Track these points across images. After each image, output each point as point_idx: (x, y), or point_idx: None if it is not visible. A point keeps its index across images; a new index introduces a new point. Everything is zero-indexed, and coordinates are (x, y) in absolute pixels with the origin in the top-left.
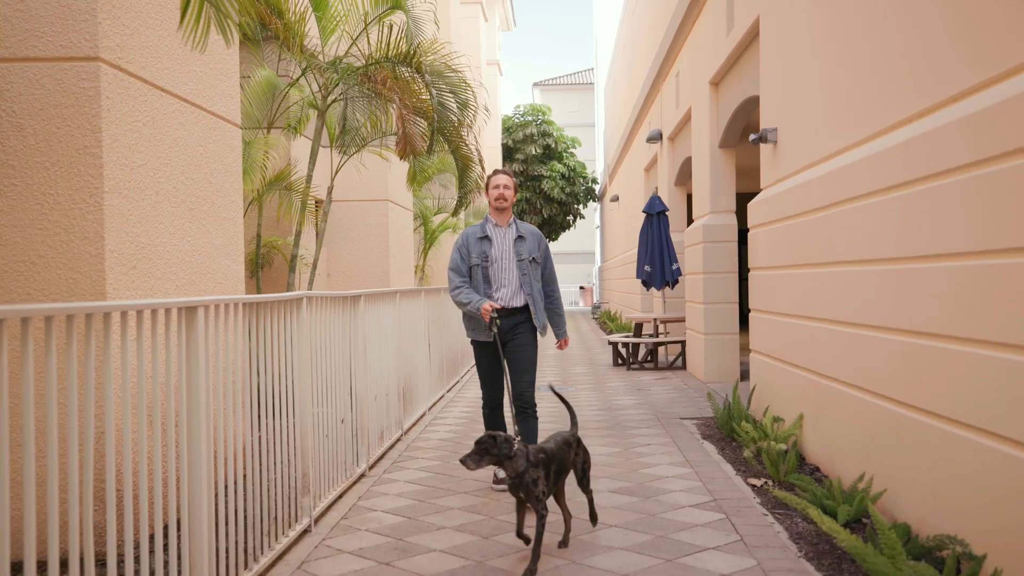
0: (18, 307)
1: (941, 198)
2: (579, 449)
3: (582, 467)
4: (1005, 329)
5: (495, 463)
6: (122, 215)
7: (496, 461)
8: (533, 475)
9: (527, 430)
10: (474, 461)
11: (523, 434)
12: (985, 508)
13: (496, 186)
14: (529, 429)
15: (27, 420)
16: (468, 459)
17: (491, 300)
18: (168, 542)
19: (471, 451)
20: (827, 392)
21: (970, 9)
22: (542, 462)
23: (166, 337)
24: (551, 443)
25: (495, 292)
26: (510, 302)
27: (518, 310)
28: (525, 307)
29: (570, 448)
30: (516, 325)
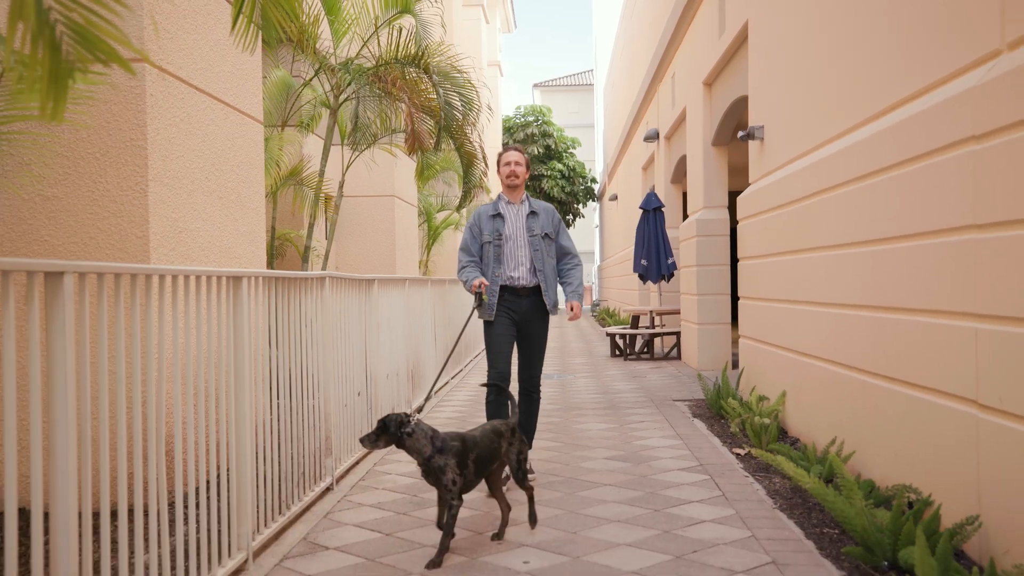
0: (106, 264)
1: (899, 186)
2: (514, 439)
3: (517, 459)
4: (952, 299)
5: (394, 443)
6: (163, 202)
7: (394, 441)
8: (440, 462)
9: (528, 411)
10: (370, 441)
11: (523, 413)
12: (933, 458)
13: (508, 163)
14: (530, 411)
15: (101, 377)
16: (365, 439)
17: (497, 286)
18: (220, 491)
19: (372, 430)
20: (806, 369)
21: (910, 33)
22: (454, 450)
23: (217, 303)
24: (476, 431)
25: (510, 272)
26: (524, 281)
27: (532, 291)
28: (538, 288)
29: (500, 438)
30: (531, 308)
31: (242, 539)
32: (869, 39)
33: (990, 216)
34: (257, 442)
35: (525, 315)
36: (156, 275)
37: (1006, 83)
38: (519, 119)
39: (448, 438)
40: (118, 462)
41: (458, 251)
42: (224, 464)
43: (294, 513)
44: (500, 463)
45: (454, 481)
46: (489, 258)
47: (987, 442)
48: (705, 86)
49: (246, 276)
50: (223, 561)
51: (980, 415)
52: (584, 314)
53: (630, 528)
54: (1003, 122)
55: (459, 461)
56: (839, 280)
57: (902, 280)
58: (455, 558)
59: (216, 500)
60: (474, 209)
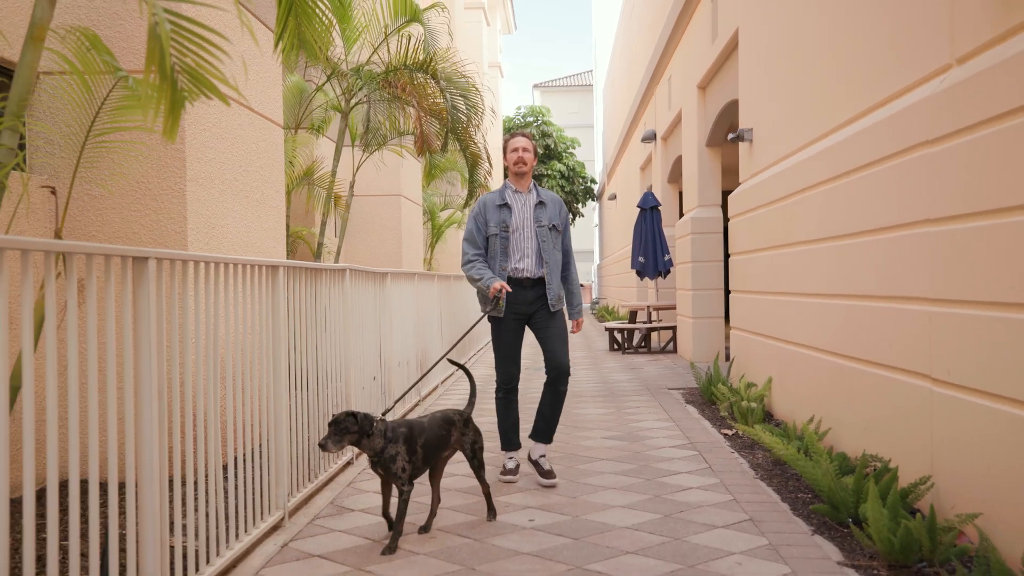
0: (180, 252)
1: (866, 185)
2: (467, 429)
3: (471, 448)
4: (909, 286)
5: (355, 443)
6: (199, 200)
7: (356, 441)
8: (392, 451)
9: (553, 404)
10: (335, 443)
11: (548, 407)
12: (894, 428)
13: (515, 149)
14: (555, 404)
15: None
16: (328, 442)
17: (504, 280)
18: (261, 460)
19: (328, 433)
20: (789, 355)
21: (877, 48)
22: (403, 436)
23: (258, 290)
24: (425, 418)
25: (515, 263)
26: (529, 273)
27: (536, 282)
28: (543, 279)
29: (451, 426)
30: (537, 298)
31: (279, 500)
32: (842, 52)
33: (942, 211)
34: (291, 418)
35: (533, 306)
36: (220, 263)
37: (956, 93)
38: (519, 119)
39: (396, 426)
40: (186, 434)
41: (462, 241)
42: (264, 436)
43: (321, 482)
44: (450, 451)
45: (404, 468)
46: (496, 251)
47: (939, 412)
48: (699, 89)
49: (282, 266)
50: (264, 518)
51: (933, 388)
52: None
53: (624, 494)
54: (953, 128)
55: (408, 448)
56: (816, 272)
57: (868, 270)
58: (467, 517)
59: (257, 467)
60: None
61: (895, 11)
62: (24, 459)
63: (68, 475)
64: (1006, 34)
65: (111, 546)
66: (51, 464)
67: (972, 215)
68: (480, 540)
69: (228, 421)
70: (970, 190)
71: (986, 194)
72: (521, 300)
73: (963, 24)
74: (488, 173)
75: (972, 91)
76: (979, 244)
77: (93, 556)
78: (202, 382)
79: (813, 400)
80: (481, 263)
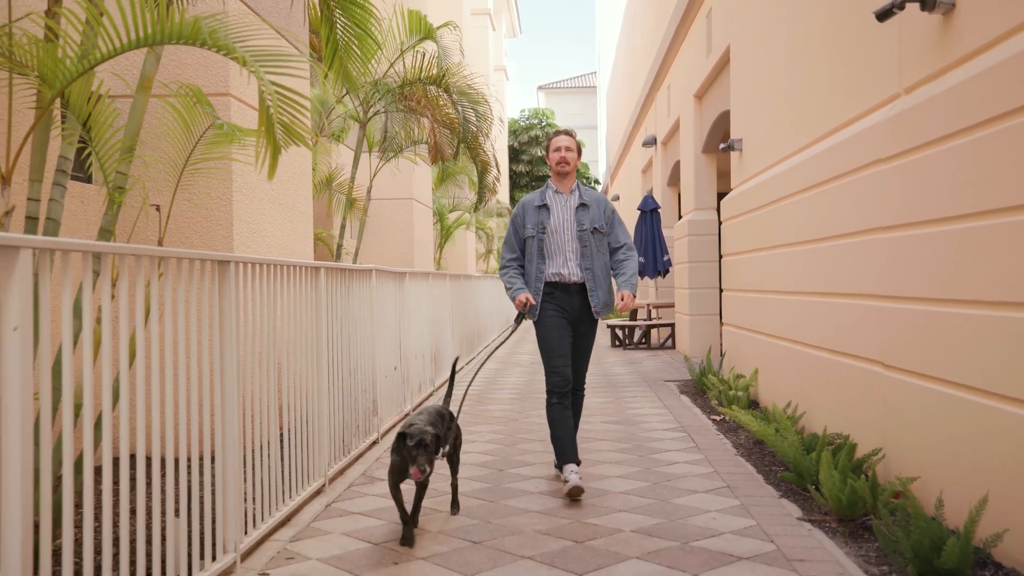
0: (254, 256)
1: (831, 196)
2: (452, 424)
3: (453, 443)
4: (867, 284)
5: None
6: (242, 208)
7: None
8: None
9: (574, 406)
10: (430, 463)
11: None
12: (854, 409)
13: (557, 148)
14: (577, 406)
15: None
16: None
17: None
18: (304, 434)
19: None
20: (773, 348)
21: (843, 75)
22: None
23: (304, 288)
24: (424, 415)
25: (557, 267)
26: (575, 276)
27: (583, 287)
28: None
29: (442, 420)
30: (583, 306)
31: (321, 468)
32: (814, 77)
33: (893, 220)
34: (330, 400)
35: (576, 313)
36: (281, 266)
37: (904, 119)
38: (524, 121)
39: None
40: (253, 413)
41: (502, 245)
42: (308, 415)
43: (352, 456)
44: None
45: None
46: (532, 253)
47: (889, 393)
48: (696, 99)
49: (323, 267)
50: (309, 483)
51: (885, 373)
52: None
53: (620, 466)
54: (902, 148)
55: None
56: (793, 272)
57: (833, 270)
58: (482, 485)
59: (303, 441)
60: (488, 210)
61: (856, 46)
62: (136, 432)
63: (152, 450)
64: (944, 69)
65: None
66: (153, 438)
67: (915, 224)
68: (494, 502)
69: (284, 402)
70: (915, 203)
71: (928, 206)
72: (567, 306)
73: (909, 59)
74: (496, 179)
75: (917, 117)
76: (921, 249)
77: (185, 513)
78: (265, 368)
79: (791, 387)
80: (514, 270)
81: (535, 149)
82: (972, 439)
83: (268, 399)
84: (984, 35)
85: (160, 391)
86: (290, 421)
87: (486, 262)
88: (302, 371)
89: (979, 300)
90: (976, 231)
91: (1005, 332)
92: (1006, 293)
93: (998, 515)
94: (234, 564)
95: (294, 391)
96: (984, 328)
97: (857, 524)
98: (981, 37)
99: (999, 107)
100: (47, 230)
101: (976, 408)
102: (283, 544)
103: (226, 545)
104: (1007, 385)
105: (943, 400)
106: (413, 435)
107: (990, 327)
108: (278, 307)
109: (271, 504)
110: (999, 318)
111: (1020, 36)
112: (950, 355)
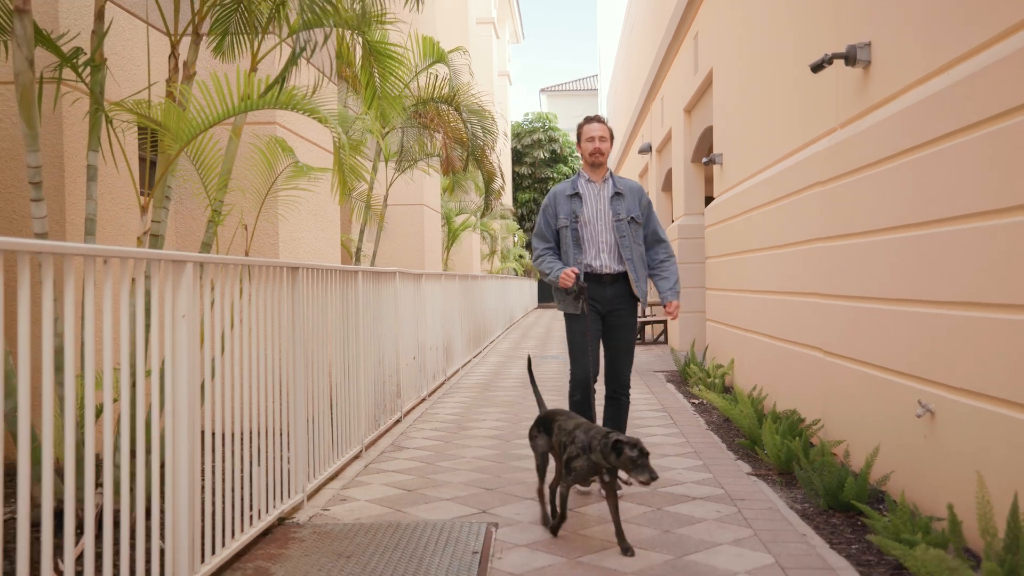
0: (316, 263)
1: (782, 211)
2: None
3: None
4: (811, 284)
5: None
6: (285, 219)
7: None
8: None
9: (616, 417)
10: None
11: (612, 421)
12: (802, 388)
13: (591, 138)
14: (619, 416)
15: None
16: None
17: (576, 267)
18: (346, 408)
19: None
20: (746, 340)
21: (796, 106)
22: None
23: (345, 289)
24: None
25: (589, 259)
26: (607, 268)
27: (617, 278)
28: (625, 275)
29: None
30: (616, 297)
31: (359, 437)
32: (778, 105)
33: (830, 232)
34: (364, 382)
35: (609, 304)
36: (332, 270)
37: (837, 149)
38: (527, 125)
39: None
40: (310, 392)
41: (532, 237)
42: (348, 393)
43: (381, 431)
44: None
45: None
46: (568, 243)
47: (828, 374)
48: (685, 112)
49: (360, 271)
50: (350, 448)
51: (825, 358)
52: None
53: None
54: (836, 173)
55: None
56: (760, 273)
57: (787, 272)
58: (491, 451)
59: (345, 414)
60: (492, 213)
61: (807, 83)
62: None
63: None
64: (865, 111)
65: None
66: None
67: (846, 236)
68: (502, 463)
69: (333, 382)
70: (846, 217)
71: (856, 221)
72: (599, 298)
73: (843, 100)
74: (501, 188)
75: (845, 149)
76: (851, 256)
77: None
78: (321, 356)
79: (759, 374)
80: (552, 256)
81: (538, 152)
82: (874, 405)
83: (322, 381)
84: (891, 87)
85: (254, 375)
86: (335, 398)
87: (490, 262)
88: (345, 358)
89: (889, 298)
90: (889, 242)
91: (903, 322)
92: (906, 292)
93: (888, 461)
94: (302, 502)
95: (339, 374)
96: (890, 319)
97: (792, 476)
98: (889, 89)
99: (901, 145)
100: (153, 244)
101: (880, 382)
102: (336, 491)
103: (296, 488)
104: (899, 362)
105: (861, 377)
106: (633, 442)
107: (893, 319)
108: (329, 305)
109: (324, 461)
110: (898, 312)
111: (916, 90)
112: (868, 341)
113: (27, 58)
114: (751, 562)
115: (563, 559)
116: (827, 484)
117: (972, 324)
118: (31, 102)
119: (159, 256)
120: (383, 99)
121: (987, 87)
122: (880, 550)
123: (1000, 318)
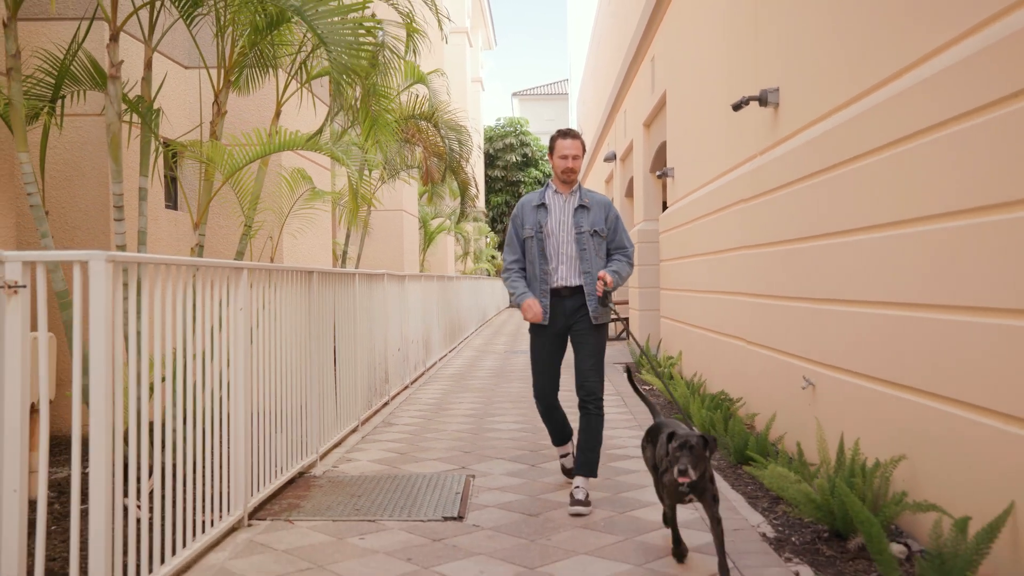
0: (365, 270)
1: (718, 222)
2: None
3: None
4: (735, 284)
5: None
6: (287, 227)
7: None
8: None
9: (590, 430)
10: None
11: (584, 434)
12: (733, 374)
13: (564, 155)
14: (589, 429)
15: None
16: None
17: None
18: (346, 388)
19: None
20: (691, 334)
21: (730, 128)
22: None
23: (347, 288)
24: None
25: (553, 269)
26: (568, 280)
27: (576, 291)
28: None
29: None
30: (578, 308)
31: (356, 413)
32: (714, 130)
33: (749, 241)
34: (359, 367)
35: (570, 317)
36: (343, 274)
37: (757, 172)
38: (499, 129)
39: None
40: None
41: (505, 246)
42: (347, 376)
43: (373, 410)
44: None
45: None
46: (534, 254)
47: (749, 360)
48: (644, 126)
49: (357, 273)
50: (349, 423)
51: (747, 346)
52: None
53: (571, 418)
54: (755, 192)
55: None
56: (701, 275)
57: (718, 275)
58: (468, 423)
59: (344, 395)
60: (468, 216)
61: (732, 116)
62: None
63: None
64: (777, 143)
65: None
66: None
67: (761, 245)
68: (477, 434)
69: (337, 368)
70: (762, 229)
71: (768, 232)
72: (559, 312)
73: (761, 132)
74: (475, 196)
75: (762, 173)
76: (764, 262)
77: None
78: (329, 344)
79: (700, 362)
80: (516, 273)
81: (510, 155)
82: (775, 381)
83: (329, 365)
84: (796, 124)
85: (282, 360)
86: (338, 379)
87: (464, 263)
88: (346, 347)
89: (786, 295)
90: (789, 252)
91: (794, 315)
92: (797, 290)
93: (782, 424)
94: (316, 461)
95: (341, 360)
96: (787, 312)
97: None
98: (794, 125)
99: (804, 171)
100: (198, 253)
101: (778, 363)
102: (341, 455)
103: (311, 449)
104: (792, 345)
105: (767, 360)
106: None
107: (790, 312)
108: (335, 302)
109: (330, 431)
110: (792, 307)
111: (814, 127)
112: (771, 330)
113: (116, 111)
114: None
115: (525, 496)
116: (736, 444)
117: (843, 316)
118: (118, 145)
119: (236, 265)
120: (378, 128)
121: (865, 127)
122: (767, 488)
123: (859, 312)
